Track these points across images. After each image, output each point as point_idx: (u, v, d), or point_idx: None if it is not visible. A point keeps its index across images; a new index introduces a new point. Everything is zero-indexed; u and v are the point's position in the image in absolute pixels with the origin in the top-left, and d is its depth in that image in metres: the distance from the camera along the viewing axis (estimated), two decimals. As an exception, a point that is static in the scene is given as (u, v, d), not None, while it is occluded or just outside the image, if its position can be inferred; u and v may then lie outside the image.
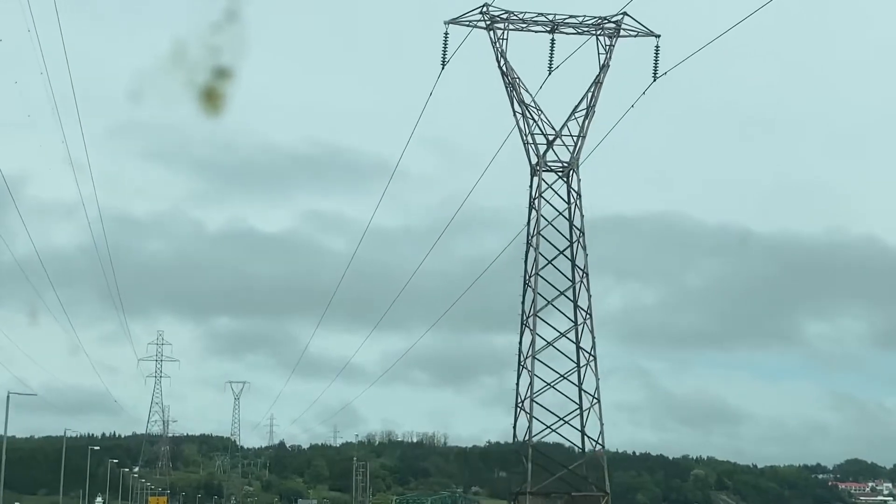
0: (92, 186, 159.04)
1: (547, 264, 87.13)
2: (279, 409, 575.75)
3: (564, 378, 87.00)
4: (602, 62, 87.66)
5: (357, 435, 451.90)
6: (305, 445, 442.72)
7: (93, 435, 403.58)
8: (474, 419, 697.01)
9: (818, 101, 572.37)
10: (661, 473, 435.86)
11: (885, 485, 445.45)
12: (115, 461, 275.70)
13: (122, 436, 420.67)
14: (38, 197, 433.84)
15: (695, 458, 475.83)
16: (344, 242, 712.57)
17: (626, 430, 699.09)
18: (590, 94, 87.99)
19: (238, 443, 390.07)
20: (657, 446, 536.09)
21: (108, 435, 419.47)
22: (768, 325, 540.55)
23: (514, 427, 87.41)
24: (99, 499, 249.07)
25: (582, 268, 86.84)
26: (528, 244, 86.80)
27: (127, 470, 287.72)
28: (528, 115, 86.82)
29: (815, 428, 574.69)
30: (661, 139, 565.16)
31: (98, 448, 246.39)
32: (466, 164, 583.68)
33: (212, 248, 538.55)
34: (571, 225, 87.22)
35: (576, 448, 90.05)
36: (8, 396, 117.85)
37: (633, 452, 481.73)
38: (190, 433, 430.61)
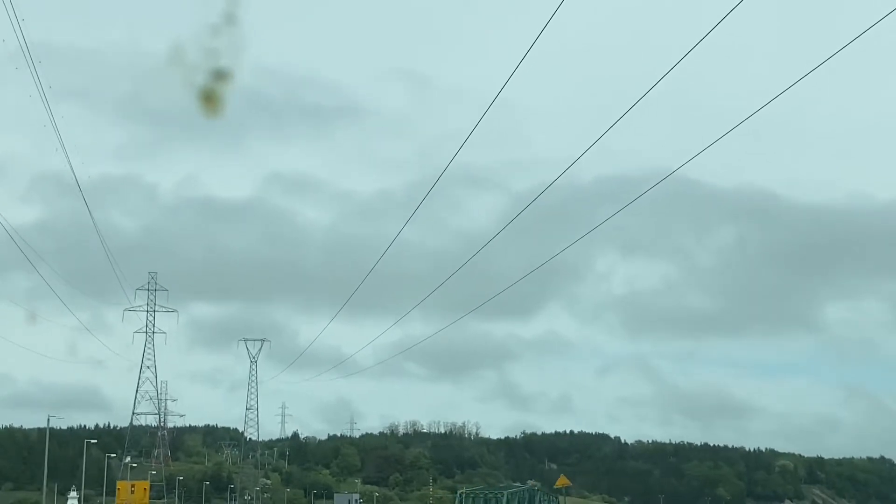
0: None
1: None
2: (273, 403, 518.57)
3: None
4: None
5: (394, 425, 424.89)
6: (321, 436, 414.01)
7: (84, 426, 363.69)
8: (476, 412, 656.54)
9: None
10: (741, 465, 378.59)
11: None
12: (111, 455, 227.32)
13: (119, 427, 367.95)
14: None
15: (751, 450, 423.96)
16: (321, 210, 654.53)
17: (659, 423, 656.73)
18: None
19: (255, 420, 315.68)
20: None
21: (101, 426, 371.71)
22: (794, 311, 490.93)
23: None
24: (73, 493, 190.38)
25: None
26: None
27: (115, 458, 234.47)
28: None
29: (858, 419, 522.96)
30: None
31: (82, 437, 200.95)
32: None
33: (165, 214, 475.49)
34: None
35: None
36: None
37: (690, 443, 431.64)
38: (192, 424, 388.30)
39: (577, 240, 79.23)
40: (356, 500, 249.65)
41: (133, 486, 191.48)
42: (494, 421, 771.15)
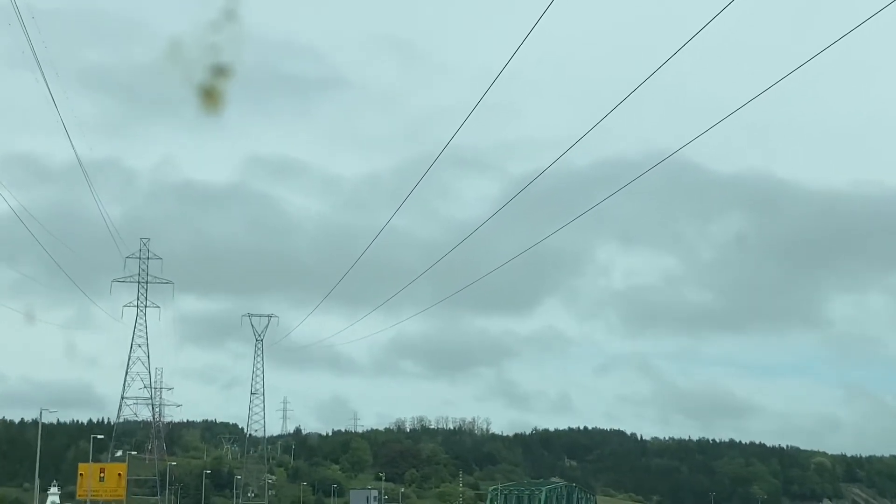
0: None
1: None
2: (273, 399, 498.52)
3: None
4: None
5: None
6: (323, 432, 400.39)
7: (77, 421, 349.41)
8: (475, 409, 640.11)
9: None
10: (775, 462, 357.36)
11: None
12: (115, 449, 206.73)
13: (112, 421, 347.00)
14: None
15: (772, 446, 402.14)
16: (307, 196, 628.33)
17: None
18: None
19: (262, 405, 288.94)
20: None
21: (95, 421, 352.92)
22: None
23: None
24: (53, 489, 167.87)
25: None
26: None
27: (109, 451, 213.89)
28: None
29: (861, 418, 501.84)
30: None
31: (72, 432, 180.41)
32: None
33: (143, 199, 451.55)
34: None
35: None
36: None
37: (716, 440, 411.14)
38: (190, 419, 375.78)
39: (572, 220, 77.71)
40: (375, 497, 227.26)
41: (103, 470, 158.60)
42: (494, 418, 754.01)
